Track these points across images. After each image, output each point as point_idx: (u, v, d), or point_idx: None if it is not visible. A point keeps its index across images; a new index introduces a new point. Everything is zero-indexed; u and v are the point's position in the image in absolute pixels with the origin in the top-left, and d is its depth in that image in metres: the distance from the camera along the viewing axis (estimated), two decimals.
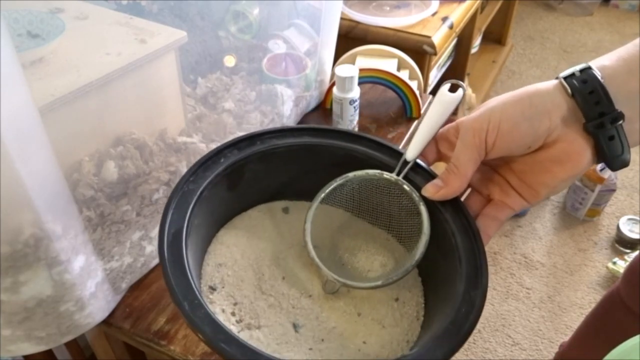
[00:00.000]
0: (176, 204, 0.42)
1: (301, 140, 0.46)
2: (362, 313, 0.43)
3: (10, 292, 0.48)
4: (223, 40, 0.80)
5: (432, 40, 1.14)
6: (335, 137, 0.46)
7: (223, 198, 0.46)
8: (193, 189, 0.43)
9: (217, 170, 0.44)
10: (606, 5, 2.77)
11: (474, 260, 0.39)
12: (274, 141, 0.47)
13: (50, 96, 0.48)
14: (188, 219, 0.41)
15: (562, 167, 0.36)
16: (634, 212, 1.61)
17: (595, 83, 0.34)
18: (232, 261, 0.45)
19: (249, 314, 0.42)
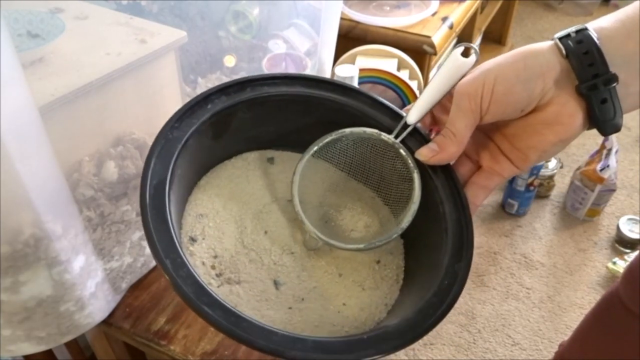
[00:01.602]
0: (159, 152, 0.39)
1: (294, 89, 0.43)
2: (344, 274, 0.42)
3: (10, 292, 0.48)
4: (223, 40, 0.80)
5: (432, 40, 1.14)
6: (330, 89, 0.43)
7: (208, 147, 0.44)
8: (177, 136, 0.40)
9: (203, 117, 0.41)
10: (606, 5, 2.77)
11: (460, 231, 0.39)
12: (265, 89, 0.43)
13: (50, 96, 0.48)
14: (172, 169, 0.38)
15: (553, 129, 0.35)
16: (634, 212, 1.61)
17: (591, 44, 0.33)
18: (214, 212, 0.43)
19: (229, 268, 0.40)
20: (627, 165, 1.81)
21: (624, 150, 1.85)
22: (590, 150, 1.65)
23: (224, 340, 0.59)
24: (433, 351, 1.21)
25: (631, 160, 1.83)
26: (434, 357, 1.20)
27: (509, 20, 2.18)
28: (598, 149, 1.56)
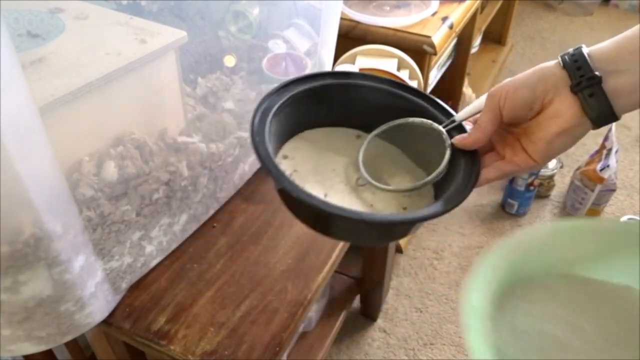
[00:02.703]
0: (270, 98, 0.52)
1: (382, 86, 0.57)
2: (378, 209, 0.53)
3: (10, 292, 0.48)
4: (223, 40, 0.80)
5: (432, 40, 1.14)
6: (410, 92, 0.57)
7: (312, 108, 0.57)
8: (286, 94, 0.53)
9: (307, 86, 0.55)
10: (606, 5, 2.77)
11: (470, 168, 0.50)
12: (360, 80, 0.58)
13: (50, 96, 0.48)
14: (278, 107, 0.52)
15: (554, 121, 0.44)
16: (634, 212, 1.61)
17: (581, 55, 0.44)
18: (304, 151, 0.57)
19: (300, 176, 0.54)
20: (627, 165, 1.81)
21: (624, 150, 1.85)
22: (590, 150, 1.65)
23: (224, 340, 0.59)
24: (433, 351, 1.21)
25: (631, 160, 1.83)
26: (434, 357, 1.20)
27: (509, 20, 2.18)
28: (598, 149, 1.56)
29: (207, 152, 0.64)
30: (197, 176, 0.64)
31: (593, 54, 0.44)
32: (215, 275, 0.66)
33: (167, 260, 0.67)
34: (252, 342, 0.59)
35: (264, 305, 0.62)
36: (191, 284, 0.65)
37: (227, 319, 0.61)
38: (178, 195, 0.62)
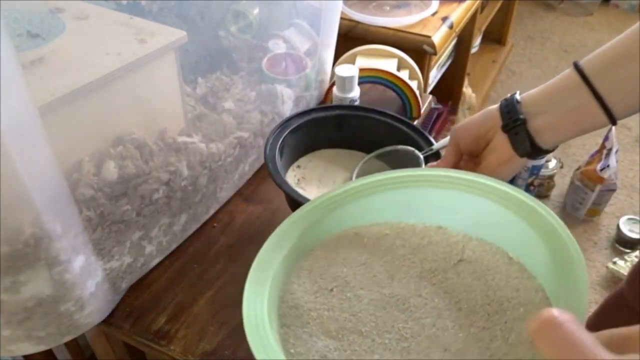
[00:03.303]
0: (293, 118, 0.67)
1: (384, 119, 0.70)
2: None
3: (10, 292, 0.48)
4: (223, 40, 0.80)
5: (432, 40, 1.14)
6: (404, 124, 0.69)
7: (331, 133, 0.71)
8: (295, 123, 0.67)
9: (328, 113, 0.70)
10: (606, 5, 2.77)
11: None
12: (365, 112, 0.71)
13: (50, 96, 0.48)
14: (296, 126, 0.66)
15: (494, 154, 0.53)
16: (634, 212, 1.61)
17: (512, 101, 0.52)
18: (313, 164, 0.70)
19: (305, 180, 0.68)
20: (627, 165, 1.81)
21: (624, 150, 1.85)
22: (590, 150, 1.65)
23: (224, 340, 0.59)
24: None
25: (631, 160, 1.83)
26: None
27: (509, 20, 2.18)
28: (598, 149, 1.56)
29: (207, 152, 0.64)
30: (197, 176, 0.64)
31: (523, 99, 0.52)
32: (215, 275, 0.66)
33: (167, 260, 0.67)
34: None
35: None
36: (191, 284, 0.65)
37: (227, 319, 0.61)
38: (178, 195, 0.62)
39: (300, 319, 0.37)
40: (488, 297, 0.37)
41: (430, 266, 0.40)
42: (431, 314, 0.37)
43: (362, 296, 0.39)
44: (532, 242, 0.37)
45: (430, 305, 0.37)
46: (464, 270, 0.40)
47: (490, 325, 0.35)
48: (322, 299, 0.39)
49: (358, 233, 0.44)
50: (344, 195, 0.43)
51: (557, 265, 0.34)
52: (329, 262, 0.42)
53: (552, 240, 0.36)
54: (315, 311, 0.38)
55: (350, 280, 0.40)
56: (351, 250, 0.42)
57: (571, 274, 0.33)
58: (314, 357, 0.35)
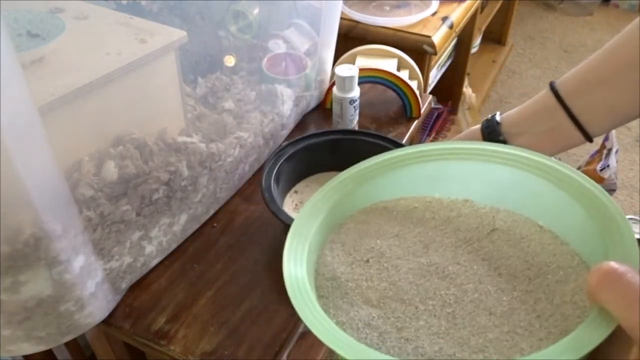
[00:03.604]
0: (289, 146, 0.69)
1: (374, 140, 0.72)
2: None
3: (10, 292, 0.48)
4: (223, 40, 0.80)
5: (432, 40, 1.14)
6: (396, 145, 0.70)
7: (326, 157, 0.72)
8: (289, 150, 0.69)
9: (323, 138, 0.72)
10: (606, 5, 2.77)
11: None
12: (361, 136, 0.73)
13: (50, 96, 0.48)
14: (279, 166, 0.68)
15: None
16: (634, 212, 1.61)
17: (493, 122, 0.53)
18: (309, 190, 0.72)
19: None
20: (627, 165, 1.81)
21: (624, 150, 1.85)
22: (590, 150, 1.65)
23: (224, 340, 0.59)
24: None
25: (631, 160, 1.83)
26: None
27: (509, 20, 2.18)
28: (598, 149, 1.56)
29: (207, 152, 0.64)
30: (197, 176, 0.64)
31: (503, 120, 0.53)
32: (215, 275, 0.66)
33: (167, 260, 0.67)
34: (252, 342, 0.59)
35: (264, 305, 0.62)
36: (191, 284, 0.65)
37: (227, 319, 0.61)
38: (178, 195, 0.62)
39: (338, 289, 0.37)
40: (527, 262, 0.37)
41: (464, 236, 0.41)
42: (472, 280, 0.37)
43: (399, 266, 0.39)
44: (564, 205, 0.38)
45: (470, 272, 0.38)
46: (499, 239, 0.40)
47: (532, 288, 0.35)
48: (359, 269, 0.39)
49: (386, 207, 0.44)
50: (372, 169, 0.44)
51: (598, 226, 0.34)
52: (360, 235, 0.42)
53: (589, 202, 0.36)
54: (354, 282, 0.38)
55: (385, 251, 0.40)
56: (382, 223, 0.43)
57: (617, 233, 0.33)
58: (358, 325, 0.35)
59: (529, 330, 0.33)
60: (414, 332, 0.34)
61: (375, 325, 0.35)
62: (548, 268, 0.36)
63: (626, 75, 0.46)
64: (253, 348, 0.58)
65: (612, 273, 0.25)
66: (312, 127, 0.89)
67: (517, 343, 0.32)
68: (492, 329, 0.33)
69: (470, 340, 0.33)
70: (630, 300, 0.24)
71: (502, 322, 0.33)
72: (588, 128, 0.48)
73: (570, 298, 0.34)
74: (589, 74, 0.48)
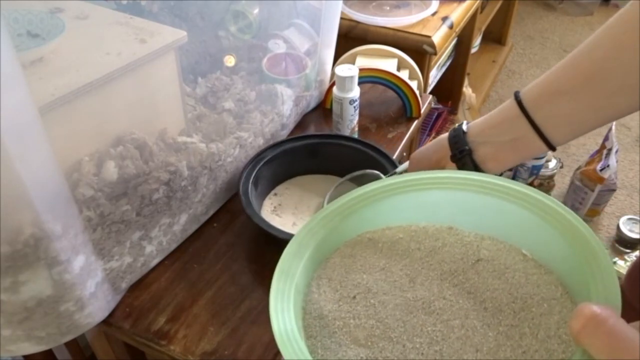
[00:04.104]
0: (268, 150, 0.73)
1: (357, 145, 0.76)
2: None
3: (10, 291, 0.48)
4: (223, 40, 0.80)
5: (432, 40, 1.14)
6: (373, 149, 0.74)
7: (305, 161, 0.76)
8: (269, 154, 0.73)
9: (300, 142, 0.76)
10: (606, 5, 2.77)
11: None
12: (338, 140, 0.77)
13: (50, 96, 0.48)
14: (271, 157, 0.73)
15: None
16: (634, 212, 1.61)
17: (459, 132, 0.53)
18: (289, 194, 0.75)
19: (282, 207, 0.73)
20: (627, 165, 1.81)
21: (624, 150, 1.85)
22: (590, 150, 1.65)
23: (224, 340, 0.59)
24: None
25: (631, 160, 1.83)
26: None
27: (509, 20, 2.18)
28: (598, 149, 1.56)
29: (207, 152, 0.64)
30: (197, 176, 0.64)
31: (470, 129, 0.53)
32: (215, 275, 0.66)
33: (167, 260, 0.67)
34: (252, 342, 0.59)
35: (263, 305, 0.62)
36: (191, 284, 0.65)
37: (227, 319, 0.61)
38: (178, 195, 0.62)
39: (326, 329, 0.37)
40: (511, 294, 0.37)
41: (449, 267, 0.41)
42: (458, 315, 0.37)
43: (386, 302, 0.39)
44: (546, 236, 0.38)
45: (456, 306, 0.38)
46: (483, 270, 0.40)
47: (517, 322, 0.35)
48: (346, 307, 0.39)
49: (372, 238, 0.44)
50: (356, 201, 0.44)
51: (579, 258, 0.35)
52: (347, 270, 0.42)
53: (569, 234, 0.36)
54: (341, 320, 0.38)
55: (371, 286, 0.40)
56: (368, 256, 0.42)
57: (597, 267, 0.33)
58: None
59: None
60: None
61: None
62: (532, 300, 0.36)
63: (585, 87, 0.45)
64: (253, 348, 0.58)
65: (595, 319, 0.26)
66: (312, 127, 0.89)
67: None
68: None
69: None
70: (613, 347, 0.24)
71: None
72: (551, 138, 0.48)
73: (555, 332, 0.34)
74: (552, 83, 0.47)
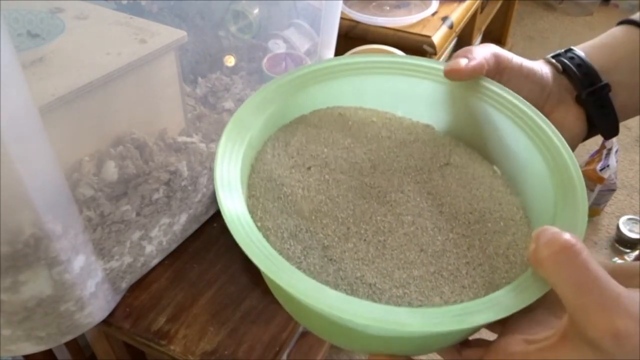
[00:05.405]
0: None
1: None
2: None
3: (10, 291, 0.48)
4: (223, 40, 0.80)
5: (432, 40, 1.14)
6: None
7: None
8: None
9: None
10: (606, 5, 2.77)
11: None
12: None
13: (50, 96, 0.48)
14: None
15: None
16: (634, 212, 1.61)
17: (581, 59, 0.39)
18: None
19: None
20: (627, 165, 1.81)
21: (624, 150, 1.85)
22: (590, 150, 1.65)
23: (224, 340, 0.59)
24: None
25: (631, 160, 1.83)
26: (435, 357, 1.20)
27: (509, 20, 2.18)
28: (598, 149, 1.56)
29: (207, 152, 0.64)
30: (197, 176, 0.64)
31: (593, 58, 0.39)
32: (215, 275, 0.66)
33: (167, 260, 0.67)
34: (252, 342, 0.59)
35: (264, 305, 0.62)
36: (191, 284, 0.65)
37: (227, 319, 0.61)
38: (178, 195, 0.62)
39: (271, 192, 0.35)
40: (471, 205, 0.36)
41: (415, 164, 0.38)
42: (412, 212, 0.35)
43: (341, 181, 0.36)
44: (527, 156, 0.36)
45: (412, 203, 0.36)
46: (450, 175, 0.38)
47: (469, 233, 0.34)
48: (297, 175, 0.36)
49: (343, 114, 0.40)
50: (334, 69, 0.39)
51: (554, 188, 0.33)
52: (308, 139, 0.38)
53: (553, 161, 0.34)
54: (290, 187, 0.35)
55: (330, 162, 0.37)
56: (334, 130, 0.39)
57: (572, 201, 0.32)
58: (283, 234, 0.32)
59: (455, 275, 0.32)
60: (339, 253, 0.32)
61: (301, 239, 0.33)
62: (490, 216, 0.35)
63: None
64: (253, 348, 0.58)
65: (570, 249, 0.24)
66: None
67: (440, 286, 0.31)
68: (419, 267, 0.32)
69: (394, 273, 0.32)
70: (581, 282, 0.23)
71: (431, 262, 0.32)
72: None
73: (504, 251, 0.33)
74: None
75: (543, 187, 0.34)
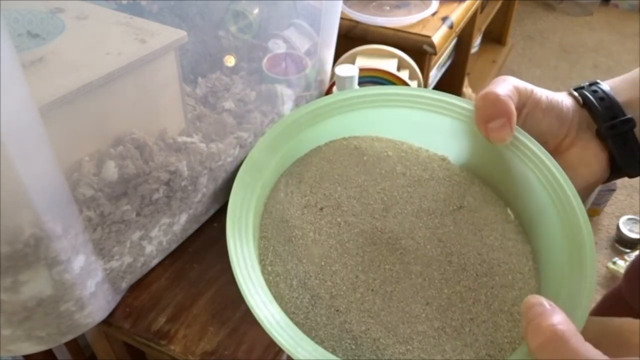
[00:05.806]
0: None
1: None
2: None
3: (10, 291, 0.48)
4: (223, 40, 0.80)
5: (432, 40, 1.14)
6: None
7: None
8: None
9: None
10: (606, 5, 2.77)
11: None
12: None
13: (50, 96, 0.48)
14: None
15: (578, 173, 0.36)
16: (634, 212, 1.61)
17: (605, 92, 0.36)
18: None
19: None
20: None
21: None
22: None
23: (224, 340, 0.59)
24: None
25: None
26: None
27: (509, 20, 2.18)
28: None
29: (207, 152, 0.64)
30: (197, 176, 0.64)
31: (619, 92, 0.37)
32: (215, 275, 0.66)
33: (167, 260, 0.67)
34: (252, 342, 0.59)
35: None
36: (191, 284, 0.65)
37: (227, 319, 0.61)
38: (178, 195, 0.62)
39: (282, 234, 0.35)
40: (481, 255, 0.35)
41: (428, 206, 0.37)
42: (421, 262, 0.35)
43: (353, 224, 0.36)
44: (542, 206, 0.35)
45: (422, 251, 0.35)
46: (462, 220, 0.37)
47: (476, 286, 0.34)
48: (310, 217, 0.36)
49: (359, 147, 0.40)
50: (355, 101, 0.39)
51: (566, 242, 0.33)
52: (322, 174, 0.38)
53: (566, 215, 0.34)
54: (301, 230, 0.35)
55: (343, 202, 0.37)
56: (349, 166, 0.39)
57: (579, 264, 0.32)
58: (292, 282, 0.33)
59: (458, 332, 0.32)
60: (346, 303, 0.32)
61: (310, 286, 0.33)
62: (499, 268, 0.35)
63: None
64: (253, 348, 0.58)
65: (558, 340, 0.24)
66: None
67: (442, 343, 0.31)
68: (424, 321, 0.32)
69: (399, 327, 0.32)
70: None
71: (435, 317, 0.32)
72: None
73: (509, 308, 0.33)
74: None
75: (554, 238, 0.34)
